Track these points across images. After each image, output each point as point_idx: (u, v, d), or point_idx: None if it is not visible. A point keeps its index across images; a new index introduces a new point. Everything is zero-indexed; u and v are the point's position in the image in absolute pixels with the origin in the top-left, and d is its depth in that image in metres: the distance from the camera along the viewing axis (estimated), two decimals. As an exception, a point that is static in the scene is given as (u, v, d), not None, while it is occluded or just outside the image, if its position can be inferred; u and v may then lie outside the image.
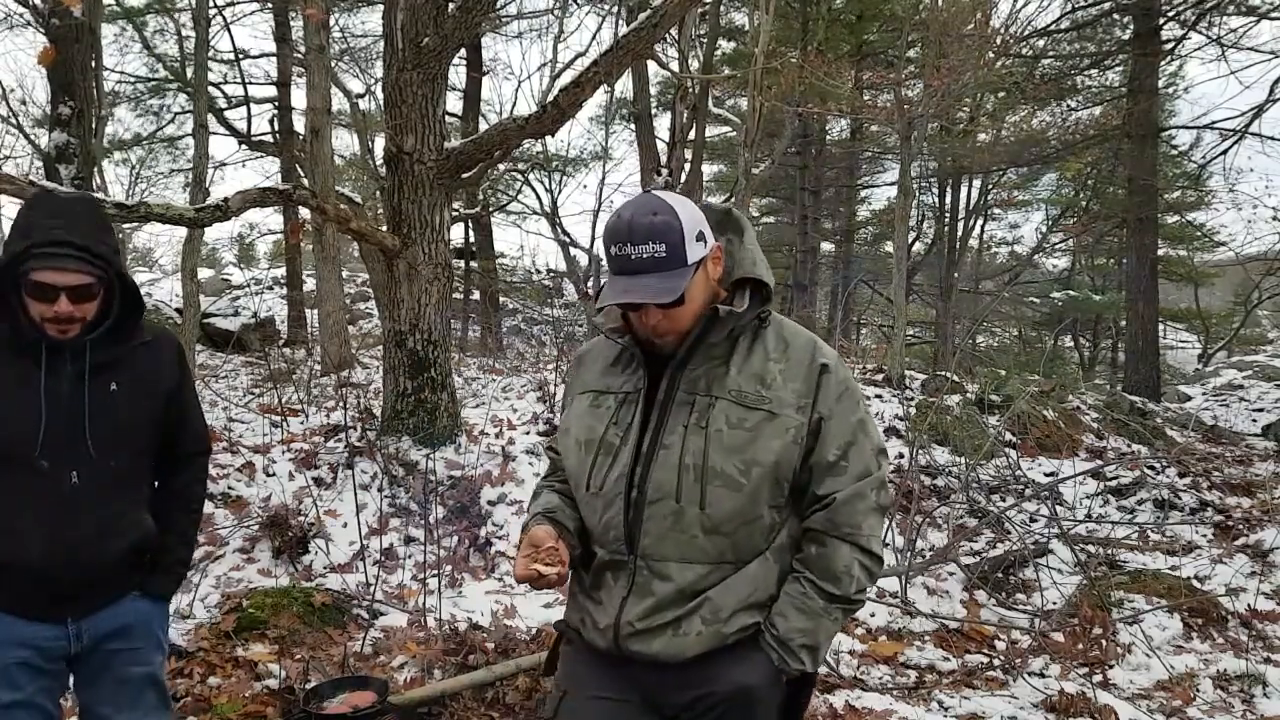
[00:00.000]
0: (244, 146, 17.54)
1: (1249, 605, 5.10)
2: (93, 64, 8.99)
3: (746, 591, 1.63)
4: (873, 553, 1.65)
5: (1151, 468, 7.69)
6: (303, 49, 12.93)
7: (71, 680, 2.16)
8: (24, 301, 1.94)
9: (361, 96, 15.91)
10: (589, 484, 1.68)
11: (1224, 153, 14.25)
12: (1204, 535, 6.49)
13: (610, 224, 1.60)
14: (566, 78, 7.05)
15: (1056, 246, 22.36)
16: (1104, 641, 4.54)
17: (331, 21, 13.02)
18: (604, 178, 19.24)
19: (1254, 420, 11.75)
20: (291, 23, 14.49)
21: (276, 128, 16.32)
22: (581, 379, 1.81)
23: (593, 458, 1.68)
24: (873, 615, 4.83)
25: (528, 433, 6.83)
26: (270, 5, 15.13)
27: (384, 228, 6.43)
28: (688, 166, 14.25)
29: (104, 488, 2.04)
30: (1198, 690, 4.15)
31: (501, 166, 15.28)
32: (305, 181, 11.30)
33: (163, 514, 2.20)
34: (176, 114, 17.87)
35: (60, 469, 1.99)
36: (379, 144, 10.70)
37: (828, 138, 21.85)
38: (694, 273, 1.58)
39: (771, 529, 1.65)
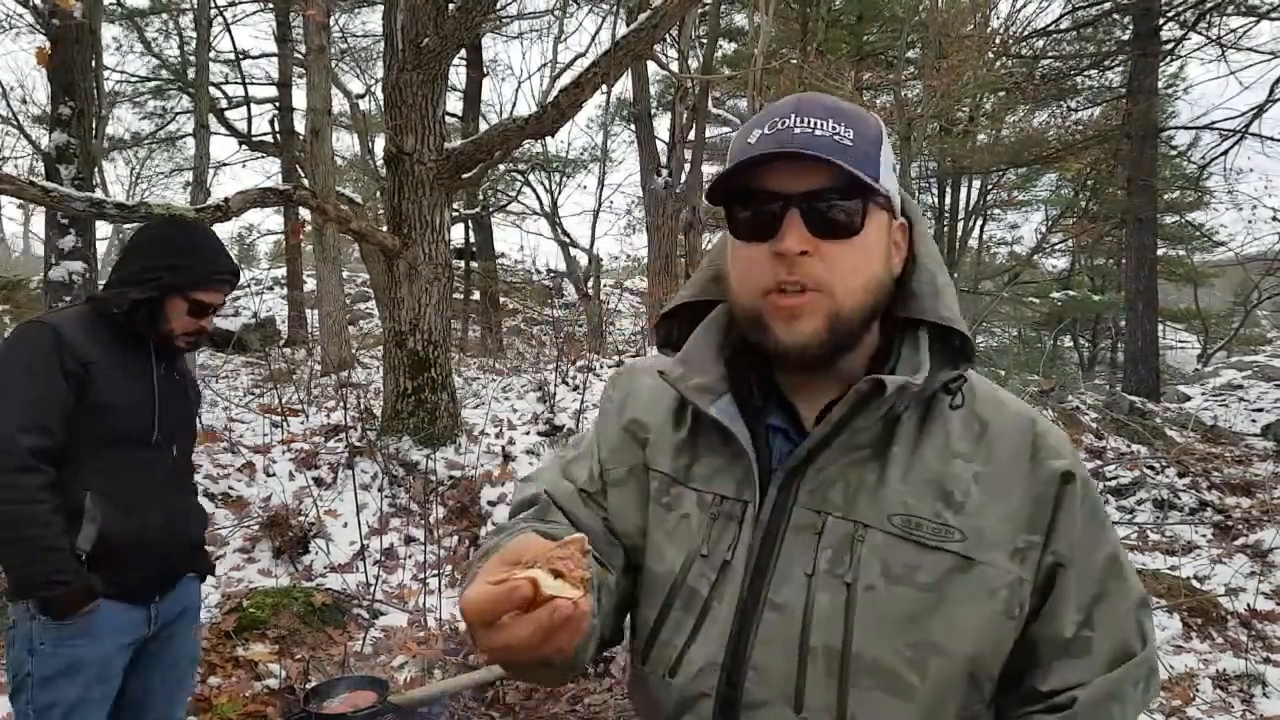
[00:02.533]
0: (244, 147, 17.61)
1: (1248, 605, 5.10)
2: (93, 64, 9.01)
3: None
4: None
5: (1151, 468, 7.69)
6: (303, 49, 12.94)
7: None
8: (164, 311, 2.10)
9: (361, 97, 16.01)
10: (649, 652, 0.96)
11: (1224, 153, 14.28)
12: (1203, 535, 6.48)
13: (757, 117, 0.94)
14: (566, 78, 7.05)
15: (1056, 246, 22.36)
16: (1103, 641, 4.54)
17: (331, 22, 13.03)
18: (603, 178, 19.19)
19: (1253, 420, 11.76)
20: (292, 23, 14.51)
21: (277, 128, 16.37)
22: (635, 422, 1.04)
23: (658, 606, 0.96)
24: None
25: (528, 433, 6.83)
26: (271, 5, 15.15)
27: (384, 228, 6.44)
28: (688, 167, 14.25)
29: (184, 471, 2.28)
30: (1197, 690, 4.15)
31: (501, 167, 15.31)
32: (305, 182, 11.30)
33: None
34: (177, 114, 17.95)
35: (165, 450, 2.19)
36: (379, 144, 10.73)
37: (828, 138, 21.83)
38: (875, 216, 0.91)
39: None
